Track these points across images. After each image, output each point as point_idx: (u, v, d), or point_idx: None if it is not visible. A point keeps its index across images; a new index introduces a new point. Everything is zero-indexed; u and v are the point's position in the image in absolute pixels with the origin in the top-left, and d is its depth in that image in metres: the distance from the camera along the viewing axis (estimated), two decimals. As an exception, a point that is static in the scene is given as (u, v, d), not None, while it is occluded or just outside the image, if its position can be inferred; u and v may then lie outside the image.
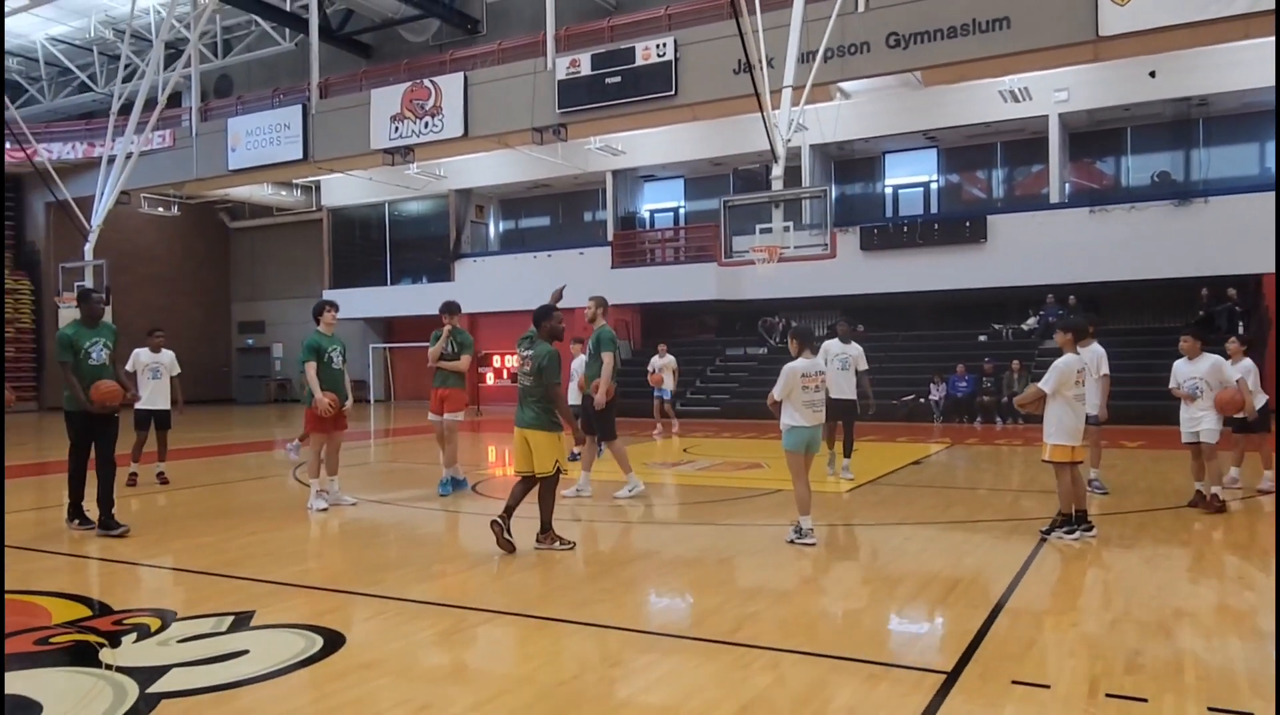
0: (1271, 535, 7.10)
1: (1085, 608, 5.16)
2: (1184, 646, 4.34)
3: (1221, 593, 5.52)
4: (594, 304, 9.13)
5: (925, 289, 21.81)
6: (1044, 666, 4.11)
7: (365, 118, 22.12)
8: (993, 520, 7.75)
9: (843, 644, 4.51)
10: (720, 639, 4.53)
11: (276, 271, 32.48)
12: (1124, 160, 21.98)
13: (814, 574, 6.00)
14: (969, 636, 4.50)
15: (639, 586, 5.79)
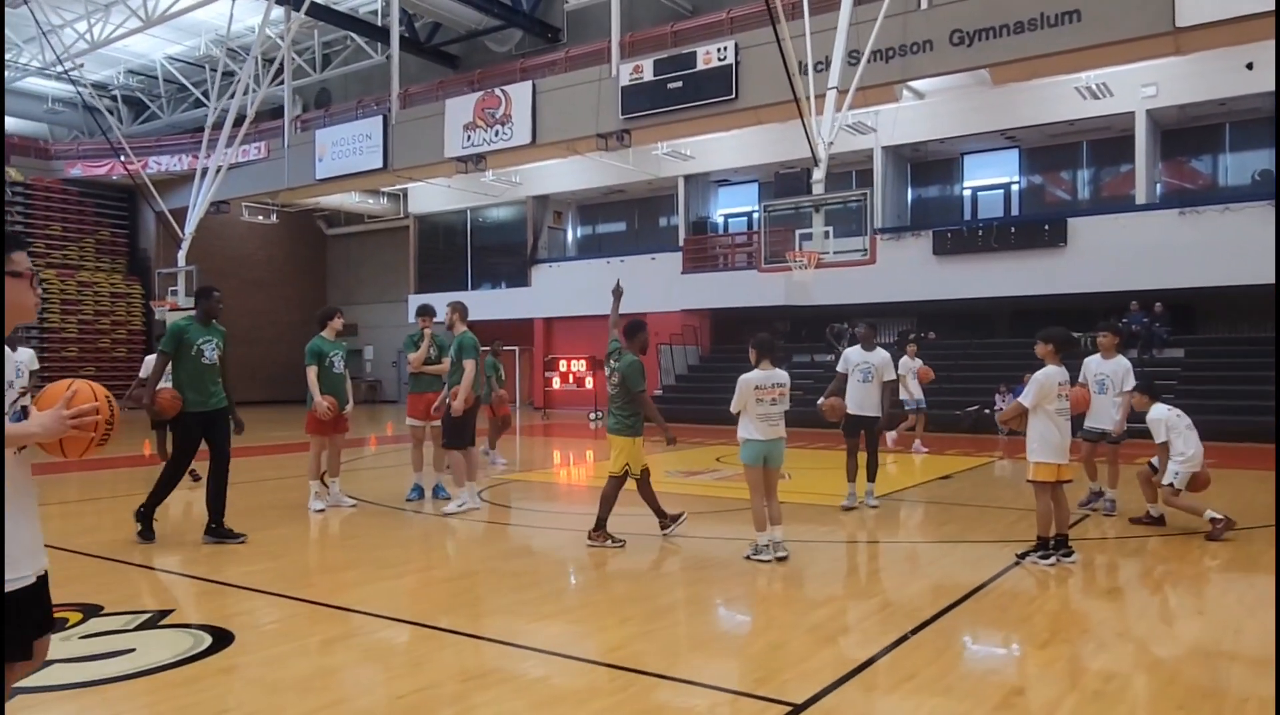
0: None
1: (997, 641, 4.88)
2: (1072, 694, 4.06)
3: (1159, 637, 5.12)
4: (450, 310, 9.06)
5: (1001, 295, 20.94)
6: (905, 702, 3.92)
7: (440, 127, 22.77)
8: (980, 541, 7.41)
9: (711, 669, 4.40)
10: (595, 659, 4.50)
11: (369, 276, 33.74)
12: (1221, 158, 20.59)
13: (740, 594, 5.87)
14: (851, 666, 4.33)
15: (556, 600, 5.78)
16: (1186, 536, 7.37)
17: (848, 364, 8.98)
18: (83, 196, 30.34)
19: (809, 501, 9.32)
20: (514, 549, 7.52)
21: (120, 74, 33.16)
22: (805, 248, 13.76)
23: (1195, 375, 18.08)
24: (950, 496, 9.94)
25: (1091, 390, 8.31)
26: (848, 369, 8.97)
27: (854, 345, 9.46)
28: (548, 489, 11.44)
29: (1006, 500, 9.57)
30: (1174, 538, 7.39)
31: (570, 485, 12.17)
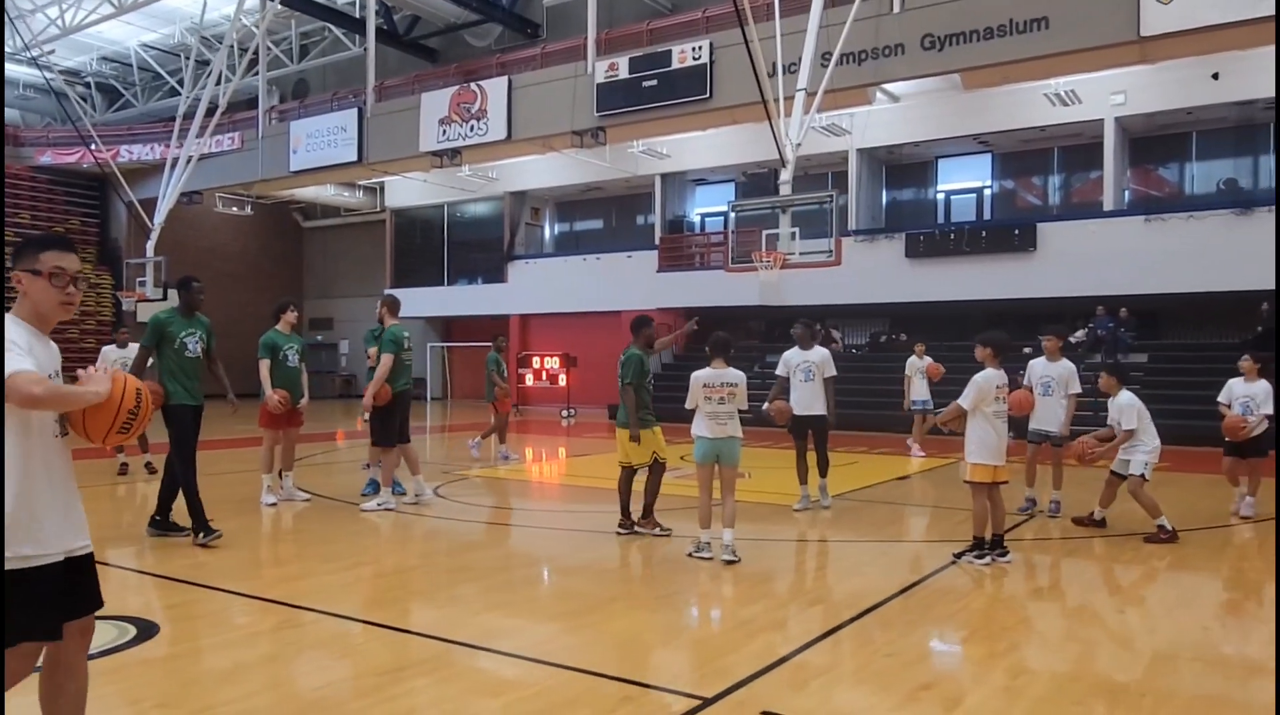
0: (1229, 570, 6.67)
1: (918, 638, 4.94)
2: (978, 690, 4.13)
3: (1076, 636, 5.21)
4: (380, 304, 9.00)
5: (973, 298, 21.08)
6: (812, 697, 3.98)
7: (415, 121, 22.70)
8: (922, 541, 7.51)
9: (630, 664, 4.45)
10: (518, 653, 4.53)
11: (346, 270, 33.60)
12: (1188, 167, 20.82)
13: (676, 590, 5.92)
14: (770, 661, 4.38)
15: (492, 595, 5.80)
16: (1124, 538, 7.48)
17: (788, 366, 8.92)
18: (53, 184, 30.04)
19: (766, 501, 9.39)
20: (460, 544, 7.54)
21: (94, 60, 32.85)
22: (771, 248, 13.82)
23: (1158, 380, 18.26)
24: (903, 497, 10.04)
25: (1036, 393, 8.42)
26: (788, 371, 8.96)
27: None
28: (506, 485, 11.46)
29: (956, 501, 9.63)
30: (1113, 539, 7.50)
31: (529, 482, 12.19)
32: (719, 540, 6.62)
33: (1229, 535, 7.87)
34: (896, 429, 15.93)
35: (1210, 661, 4.50)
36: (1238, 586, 6.24)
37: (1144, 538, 7.46)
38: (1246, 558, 7.11)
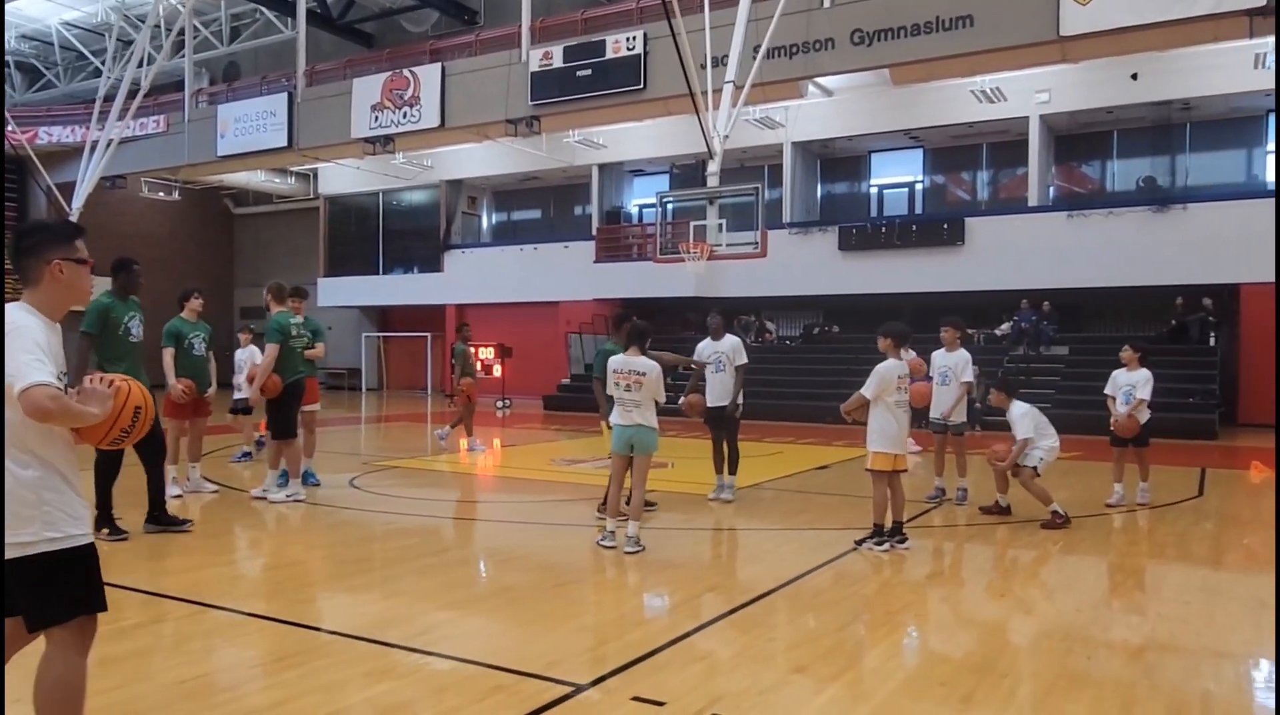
0: (1115, 555, 6.87)
1: (802, 624, 5.01)
2: (849, 672, 4.20)
3: (956, 618, 5.33)
4: (266, 291, 8.84)
5: (904, 291, 21.40)
6: (685, 682, 4.00)
7: (347, 106, 22.30)
8: (828, 528, 7.61)
9: (510, 652, 4.43)
10: (397, 643, 4.48)
11: (279, 257, 32.93)
12: (1109, 164, 21.41)
13: (574, 579, 5.93)
14: (651, 647, 4.40)
15: (382, 586, 5.75)
16: (1023, 525, 7.67)
17: (700, 356, 8.87)
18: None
19: (684, 491, 9.42)
20: (365, 536, 7.45)
21: (13, 39, 31.68)
22: (699, 240, 13.88)
23: (1078, 371, 18.74)
24: (819, 486, 10.17)
25: (935, 383, 8.58)
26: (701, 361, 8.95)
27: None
28: (428, 477, 11.33)
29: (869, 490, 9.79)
30: (1016, 526, 7.68)
31: (452, 474, 12.07)
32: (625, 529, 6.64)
33: (1126, 521, 8.10)
34: (826, 419, 16.10)
35: (1078, 642, 4.62)
36: (1121, 571, 6.43)
37: (1041, 524, 7.67)
38: (1135, 543, 7.34)
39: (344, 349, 30.70)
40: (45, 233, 2.91)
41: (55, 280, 2.84)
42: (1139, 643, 4.66)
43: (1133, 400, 8.50)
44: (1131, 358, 8.75)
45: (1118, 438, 8.61)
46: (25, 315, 2.76)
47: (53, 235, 2.90)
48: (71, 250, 2.89)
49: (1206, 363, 17.80)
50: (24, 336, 2.66)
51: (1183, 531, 7.54)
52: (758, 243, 13.79)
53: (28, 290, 2.85)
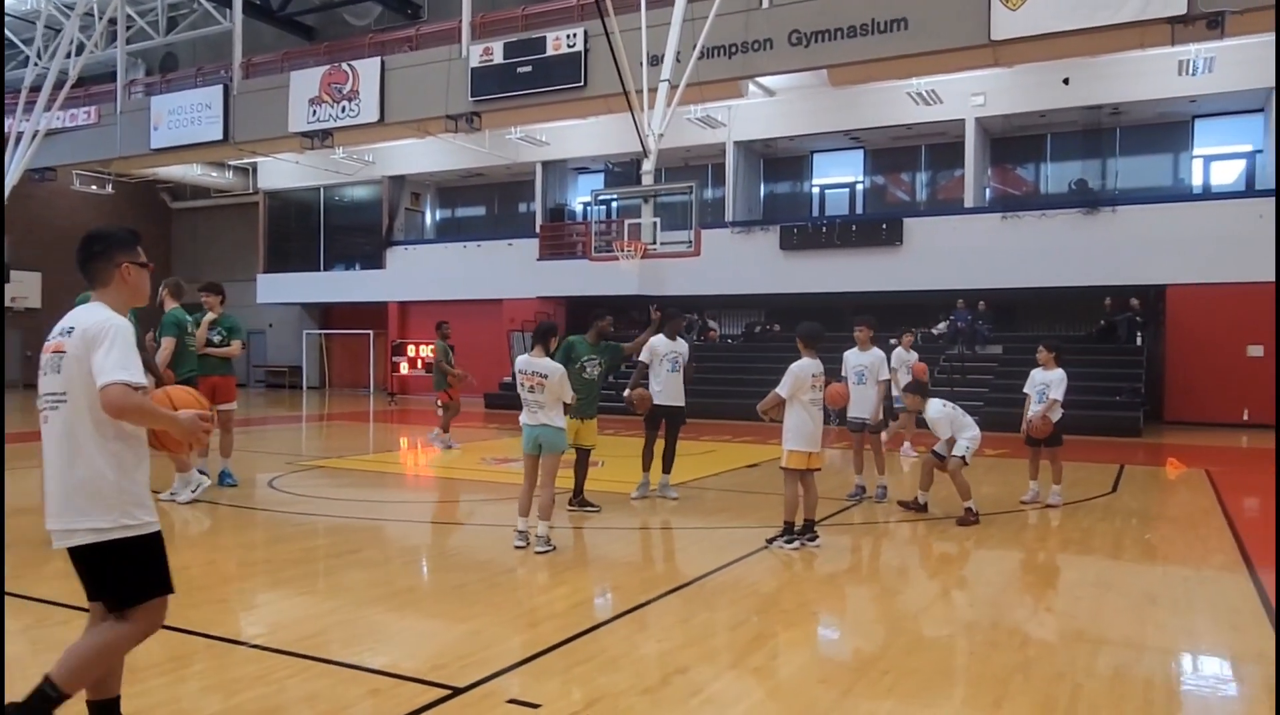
0: (1019, 551, 6.97)
1: (695, 623, 5.00)
2: (731, 671, 4.19)
3: (849, 614, 5.37)
4: (162, 287, 8.58)
5: (844, 290, 21.59)
6: (565, 685, 3.97)
7: (285, 100, 21.92)
8: (745, 526, 7.62)
9: (393, 656, 4.36)
10: (279, 646, 4.39)
11: (218, 254, 32.26)
12: (1043, 167, 21.82)
13: (470, 580, 5.85)
14: (537, 650, 4.36)
15: (278, 588, 5.63)
16: (936, 522, 7.76)
17: (655, 354, 8.87)
18: (-110, 157, 27.94)
19: (609, 489, 9.38)
20: (267, 537, 7.29)
21: (-61, 26, 30.63)
22: (634, 238, 13.87)
23: (1011, 370, 19.02)
24: (743, 485, 10.20)
25: (851, 382, 8.66)
26: (653, 359, 8.95)
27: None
28: (346, 476, 11.13)
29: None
30: (930, 523, 7.77)
31: (378, 473, 11.91)
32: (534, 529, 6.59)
33: (1038, 518, 8.23)
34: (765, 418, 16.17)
35: (965, 637, 4.68)
36: (1021, 567, 6.53)
37: (955, 521, 7.78)
38: (1041, 539, 7.46)
39: (285, 347, 30.24)
40: (112, 238, 3.13)
41: (124, 282, 3.10)
42: (1024, 637, 4.73)
43: (1046, 399, 8.65)
44: (1048, 357, 8.87)
45: (1031, 438, 8.74)
46: (115, 314, 2.99)
47: (119, 240, 3.13)
48: (136, 254, 3.15)
49: (1133, 362, 18.22)
50: (121, 335, 2.90)
51: (1089, 528, 7.69)
52: (691, 242, 13.81)
53: (98, 292, 3.08)
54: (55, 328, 3.02)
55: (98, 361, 2.85)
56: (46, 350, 3.02)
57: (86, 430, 2.93)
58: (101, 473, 2.92)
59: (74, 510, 2.92)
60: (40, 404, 3.03)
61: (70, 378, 2.94)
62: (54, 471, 2.96)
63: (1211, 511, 8.51)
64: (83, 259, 3.09)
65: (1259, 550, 6.80)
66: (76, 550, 2.96)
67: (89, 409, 2.92)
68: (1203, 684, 4.01)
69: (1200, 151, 20.26)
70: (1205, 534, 7.49)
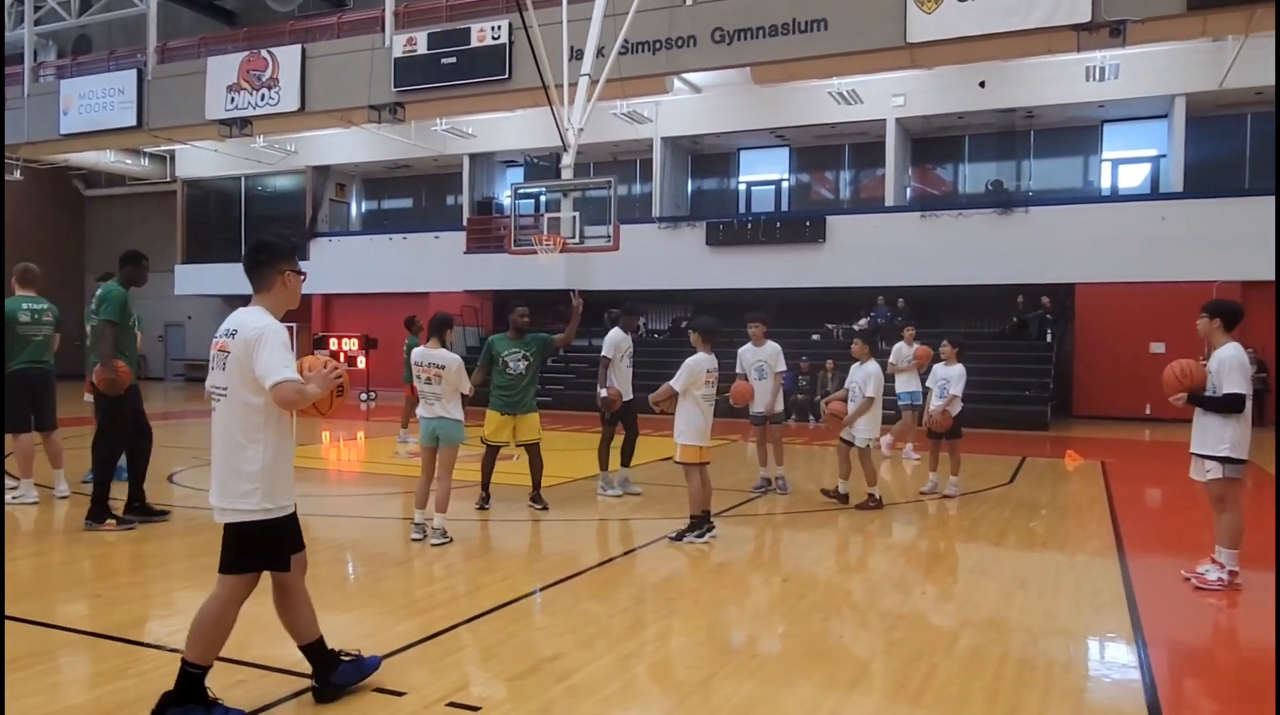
0: (908, 539, 7.16)
1: (576, 612, 5.05)
2: (604, 658, 4.25)
3: (729, 601, 5.48)
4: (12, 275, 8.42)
5: (769, 286, 21.88)
6: (433, 674, 3.98)
7: (201, 86, 21.36)
8: (646, 518, 7.70)
9: (259, 649, 4.30)
10: (143, 640, 4.33)
11: (134, 243, 30.69)
12: (961, 168, 22.37)
13: (357, 573, 5.83)
14: (413, 639, 4.37)
15: (150, 585, 5.54)
16: (839, 512, 7.93)
17: (618, 350, 8.98)
18: None
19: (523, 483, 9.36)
20: (157, 532, 7.08)
21: None
22: (551, 232, 13.85)
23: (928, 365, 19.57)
24: (653, 477, 10.23)
25: (751, 377, 8.78)
26: (617, 355, 8.93)
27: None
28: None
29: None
30: (827, 514, 7.93)
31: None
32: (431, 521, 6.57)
33: (935, 507, 8.46)
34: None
35: (839, 621, 4.81)
36: (906, 554, 6.73)
37: (856, 505, 7.99)
38: (932, 528, 7.67)
39: (204, 339, 29.39)
40: (276, 247, 3.53)
41: (284, 287, 3.51)
42: (894, 621, 4.88)
43: (947, 394, 8.89)
44: (950, 353, 9.12)
45: (933, 431, 8.98)
46: (270, 318, 3.40)
47: (282, 250, 3.55)
48: (294, 263, 3.56)
49: (1043, 358, 18.80)
50: (276, 338, 3.30)
51: (980, 517, 7.94)
52: (610, 236, 13.85)
53: (259, 295, 3.48)
54: (221, 327, 3.45)
55: (261, 364, 3.26)
56: (214, 347, 3.44)
57: (240, 423, 3.36)
58: (250, 461, 3.35)
59: (227, 492, 3.39)
60: (210, 395, 3.48)
61: (231, 375, 3.36)
62: (216, 456, 3.43)
63: (1098, 501, 8.86)
64: (249, 264, 3.49)
65: (1132, 537, 7.11)
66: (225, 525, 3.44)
67: (244, 405, 3.35)
68: (1053, 662, 4.19)
69: (1109, 155, 20.99)
70: (1086, 521, 7.80)
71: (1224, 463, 5.50)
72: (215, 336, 3.43)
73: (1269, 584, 5.76)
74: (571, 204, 14.04)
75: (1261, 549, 6.14)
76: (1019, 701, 3.71)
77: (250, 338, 3.30)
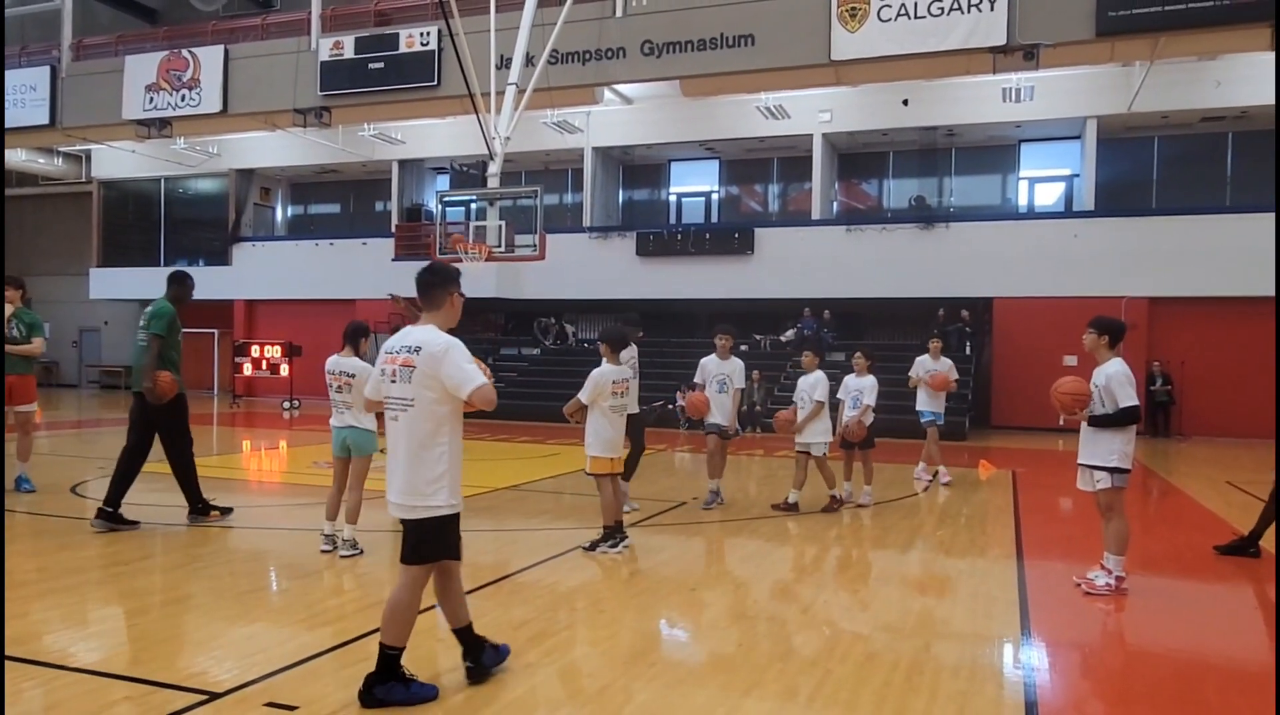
0: (819, 547, 7.28)
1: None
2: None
3: (633, 610, 5.52)
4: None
5: (699, 297, 22.08)
6: (328, 688, 3.93)
7: (119, 85, 20.74)
8: (562, 528, 7.70)
9: (152, 664, 4.22)
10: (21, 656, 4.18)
11: (48, 245, 30.18)
12: (885, 183, 22.90)
13: (260, 586, 5.73)
14: (307, 654, 4.31)
15: (41, 600, 5.35)
16: (746, 522, 8.04)
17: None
18: None
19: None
20: (54, 545, 6.80)
21: None
22: (477, 240, 13.80)
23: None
24: (574, 487, 10.24)
25: (712, 389, 8.60)
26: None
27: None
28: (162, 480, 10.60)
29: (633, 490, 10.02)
30: (742, 523, 8.02)
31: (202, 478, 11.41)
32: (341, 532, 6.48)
33: (849, 516, 8.62)
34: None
35: (740, 630, 4.88)
36: (815, 561, 6.85)
37: (821, 509, 8.24)
38: (842, 536, 7.82)
39: (120, 345, 28.55)
40: (447, 272, 3.96)
41: (451, 307, 3.91)
42: (796, 628, 4.97)
43: (860, 405, 9.07)
44: (862, 364, 9.30)
45: (846, 441, 9.14)
46: (447, 334, 3.81)
47: (451, 274, 3.96)
48: (459, 285, 3.97)
49: (962, 370, 19.19)
50: (462, 351, 3.72)
51: (890, 525, 8.13)
52: (536, 245, 13.84)
53: (430, 313, 3.86)
54: (397, 343, 3.78)
55: (455, 375, 3.66)
56: (393, 362, 3.75)
57: (428, 429, 3.72)
58: (438, 462, 3.73)
59: (416, 491, 3.73)
60: (391, 405, 3.77)
61: (417, 387, 3.70)
62: (399, 461, 3.76)
63: (1005, 509, 9.15)
64: (424, 286, 3.88)
65: (1033, 544, 7.36)
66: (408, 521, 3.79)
67: (432, 412, 3.72)
68: (942, 667, 4.31)
69: (1026, 173, 21.72)
70: (992, 530, 8.04)
71: (1113, 473, 5.74)
72: (388, 351, 3.77)
73: (1155, 588, 6.02)
74: (498, 213, 14.00)
75: (1147, 555, 6.40)
76: (905, 706, 3.81)
77: (438, 352, 3.68)
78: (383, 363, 3.81)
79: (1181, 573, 6.63)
